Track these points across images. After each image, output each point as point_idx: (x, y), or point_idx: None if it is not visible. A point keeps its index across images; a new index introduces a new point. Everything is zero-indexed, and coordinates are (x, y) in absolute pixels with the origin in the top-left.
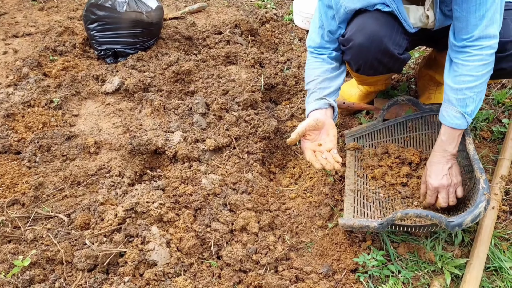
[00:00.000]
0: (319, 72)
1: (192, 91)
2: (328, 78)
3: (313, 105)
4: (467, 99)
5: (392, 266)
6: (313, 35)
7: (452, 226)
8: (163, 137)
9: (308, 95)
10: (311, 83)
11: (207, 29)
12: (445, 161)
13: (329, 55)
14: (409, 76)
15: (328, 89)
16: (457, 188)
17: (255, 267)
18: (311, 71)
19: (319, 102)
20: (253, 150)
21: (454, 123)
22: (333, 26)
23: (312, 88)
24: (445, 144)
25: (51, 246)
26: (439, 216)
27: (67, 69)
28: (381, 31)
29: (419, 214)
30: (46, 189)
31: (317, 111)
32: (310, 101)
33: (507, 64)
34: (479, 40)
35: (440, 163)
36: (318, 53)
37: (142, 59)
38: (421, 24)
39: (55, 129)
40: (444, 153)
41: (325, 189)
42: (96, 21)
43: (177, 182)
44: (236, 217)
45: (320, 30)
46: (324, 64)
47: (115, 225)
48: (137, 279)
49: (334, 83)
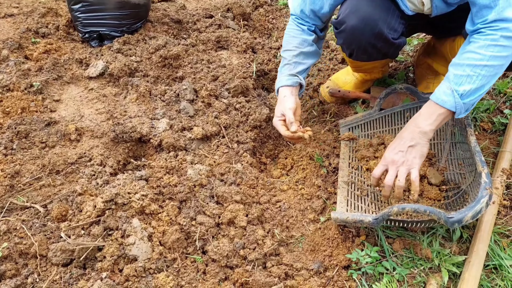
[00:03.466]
0: (297, 43)
1: (180, 76)
2: (304, 53)
3: (285, 80)
4: (464, 76)
5: (386, 263)
6: (295, 4)
7: (451, 222)
8: (148, 124)
9: (282, 63)
10: (287, 52)
11: (197, 13)
12: (410, 137)
13: (309, 27)
14: (407, 64)
15: (302, 66)
16: (411, 169)
17: (242, 263)
18: (290, 39)
19: (292, 79)
20: (243, 139)
21: (439, 98)
22: (316, 6)
23: (288, 59)
24: (420, 119)
25: (25, 238)
26: (438, 212)
27: (50, 52)
28: (375, 13)
29: (416, 209)
30: (23, 177)
31: (287, 88)
32: (283, 73)
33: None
34: (495, 22)
35: (403, 138)
36: (299, 22)
37: (129, 43)
38: (417, 9)
39: (34, 115)
40: (414, 128)
41: (317, 181)
42: (80, 2)
43: (162, 172)
44: (223, 210)
45: (302, 3)
46: (303, 34)
47: (94, 217)
48: (116, 275)
49: (308, 60)
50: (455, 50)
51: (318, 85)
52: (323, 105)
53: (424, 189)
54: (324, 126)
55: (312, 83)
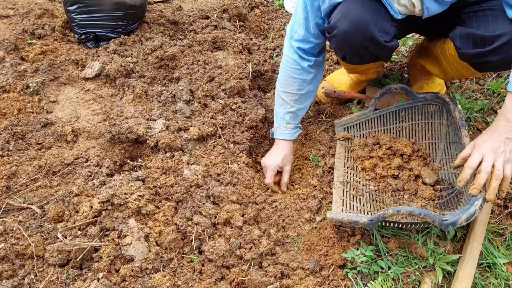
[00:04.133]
0: (298, 85)
1: (176, 77)
2: (304, 95)
3: (291, 134)
4: None
5: (381, 261)
6: (297, 27)
7: (445, 224)
8: (144, 125)
9: (281, 104)
10: (288, 95)
11: (194, 14)
12: (505, 129)
13: (309, 63)
14: (402, 64)
15: (302, 111)
16: (506, 164)
17: (239, 262)
18: (289, 79)
19: (296, 133)
20: (240, 139)
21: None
22: (319, 18)
23: (290, 104)
24: (510, 112)
25: (21, 239)
26: (432, 215)
27: (46, 53)
28: (366, 17)
29: (411, 212)
30: (19, 179)
31: (290, 143)
32: (285, 121)
33: (494, 57)
34: None
35: (497, 130)
36: (300, 55)
37: (125, 44)
38: (408, 11)
39: (30, 116)
40: (506, 123)
41: (313, 181)
42: (76, 3)
43: (158, 172)
44: (220, 210)
45: (305, 22)
46: (303, 74)
47: (90, 217)
48: (113, 275)
49: (307, 102)
50: (446, 52)
51: None
52: (318, 106)
53: (419, 188)
54: (320, 126)
55: None
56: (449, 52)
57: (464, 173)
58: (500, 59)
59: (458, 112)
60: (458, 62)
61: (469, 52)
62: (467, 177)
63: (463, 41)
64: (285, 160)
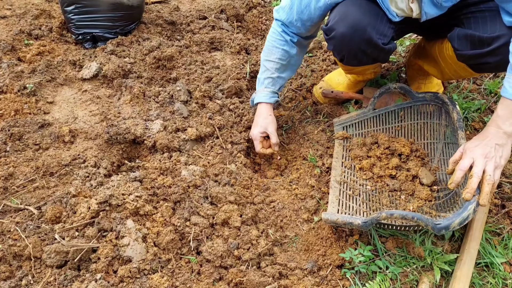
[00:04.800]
0: (279, 55)
1: (174, 78)
2: (284, 65)
3: (268, 98)
4: None
5: (379, 261)
6: (281, 11)
7: (438, 229)
8: (142, 125)
9: (262, 71)
10: (269, 63)
11: (191, 14)
12: (496, 136)
13: (291, 38)
14: (400, 64)
15: (281, 80)
16: (497, 169)
17: (237, 263)
18: (273, 48)
19: (274, 97)
20: (237, 140)
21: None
22: (304, 16)
23: (270, 71)
24: (501, 120)
25: (19, 240)
26: (425, 219)
27: (43, 53)
28: (364, 19)
29: (404, 216)
30: (17, 180)
31: (269, 106)
32: (264, 86)
33: (492, 59)
34: None
35: (488, 135)
36: (283, 30)
37: (122, 44)
38: (405, 14)
39: (28, 117)
40: (497, 130)
41: (311, 181)
42: (73, 3)
43: (156, 173)
44: (218, 211)
45: (289, 11)
46: (286, 46)
47: (88, 218)
48: (110, 276)
49: (286, 73)
50: (443, 53)
51: (311, 86)
52: (316, 106)
53: (416, 189)
54: (318, 126)
55: (305, 84)
56: (447, 53)
57: (455, 176)
58: (499, 60)
59: (457, 113)
60: (455, 63)
61: (467, 53)
62: (458, 180)
63: (461, 42)
64: (265, 123)
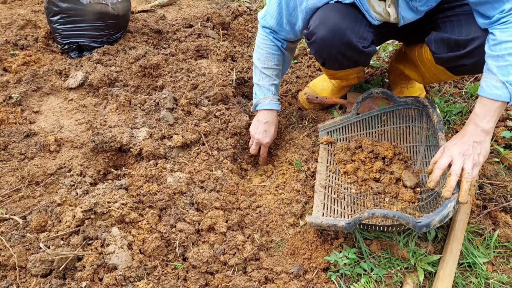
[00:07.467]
0: (276, 61)
1: (160, 86)
2: (281, 70)
3: (275, 104)
4: (509, 66)
5: (364, 264)
6: (268, 18)
7: (419, 226)
8: (128, 133)
9: (262, 78)
10: (269, 70)
11: (177, 22)
12: (474, 133)
13: (282, 44)
14: (383, 69)
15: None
16: (475, 167)
17: (223, 268)
18: (269, 55)
19: (277, 104)
20: (224, 146)
21: (493, 93)
22: (293, 19)
23: (271, 76)
24: (478, 118)
25: (3, 250)
26: (406, 217)
27: (29, 63)
28: (343, 23)
29: (385, 215)
30: (2, 189)
31: (270, 112)
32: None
33: (468, 61)
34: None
35: (466, 134)
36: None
37: (108, 53)
38: (383, 19)
39: (13, 127)
40: (475, 127)
41: (297, 186)
42: (59, 13)
43: (142, 180)
44: (203, 217)
45: (278, 16)
46: (279, 51)
47: (73, 227)
48: (96, 284)
49: (281, 78)
50: (423, 56)
51: (297, 92)
52: (301, 111)
53: (399, 191)
54: (303, 131)
55: (291, 90)
56: (425, 57)
57: (434, 174)
58: (475, 62)
59: (437, 116)
60: (434, 66)
61: (444, 56)
62: (436, 178)
63: (438, 45)
64: (274, 135)
